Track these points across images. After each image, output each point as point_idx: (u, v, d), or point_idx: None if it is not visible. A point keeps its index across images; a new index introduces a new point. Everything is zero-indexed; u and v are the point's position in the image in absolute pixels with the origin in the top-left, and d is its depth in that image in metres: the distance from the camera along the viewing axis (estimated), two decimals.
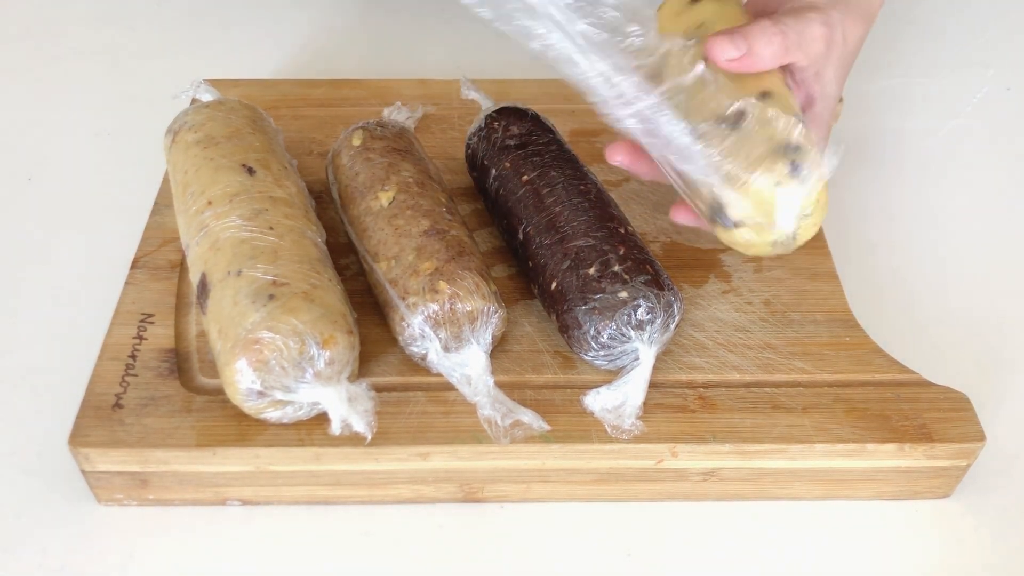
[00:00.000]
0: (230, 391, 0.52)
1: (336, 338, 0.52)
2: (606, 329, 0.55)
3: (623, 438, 0.54)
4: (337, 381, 0.53)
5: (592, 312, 0.55)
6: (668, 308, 0.56)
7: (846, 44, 0.59)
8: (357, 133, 0.66)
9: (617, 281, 0.56)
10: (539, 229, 0.60)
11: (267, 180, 0.60)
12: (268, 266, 0.54)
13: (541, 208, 0.61)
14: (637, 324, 0.55)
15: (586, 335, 0.56)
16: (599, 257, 0.57)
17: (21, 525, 0.56)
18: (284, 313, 0.51)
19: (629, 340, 0.55)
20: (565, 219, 0.60)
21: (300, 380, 0.52)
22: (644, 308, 0.55)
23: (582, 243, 0.58)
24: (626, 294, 0.55)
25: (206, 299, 0.55)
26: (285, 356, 0.51)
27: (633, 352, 0.56)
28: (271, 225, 0.56)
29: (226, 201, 0.57)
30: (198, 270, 0.56)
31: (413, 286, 0.56)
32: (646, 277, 0.56)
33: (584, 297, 0.56)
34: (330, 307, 0.53)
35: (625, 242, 0.58)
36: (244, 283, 0.53)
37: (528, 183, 0.63)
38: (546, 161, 0.64)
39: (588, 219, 0.59)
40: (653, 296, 0.55)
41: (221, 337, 0.52)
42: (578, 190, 0.61)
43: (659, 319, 0.55)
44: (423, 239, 0.58)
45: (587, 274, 0.56)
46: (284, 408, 0.53)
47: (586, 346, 0.56)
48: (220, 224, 0.56)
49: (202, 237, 0.57)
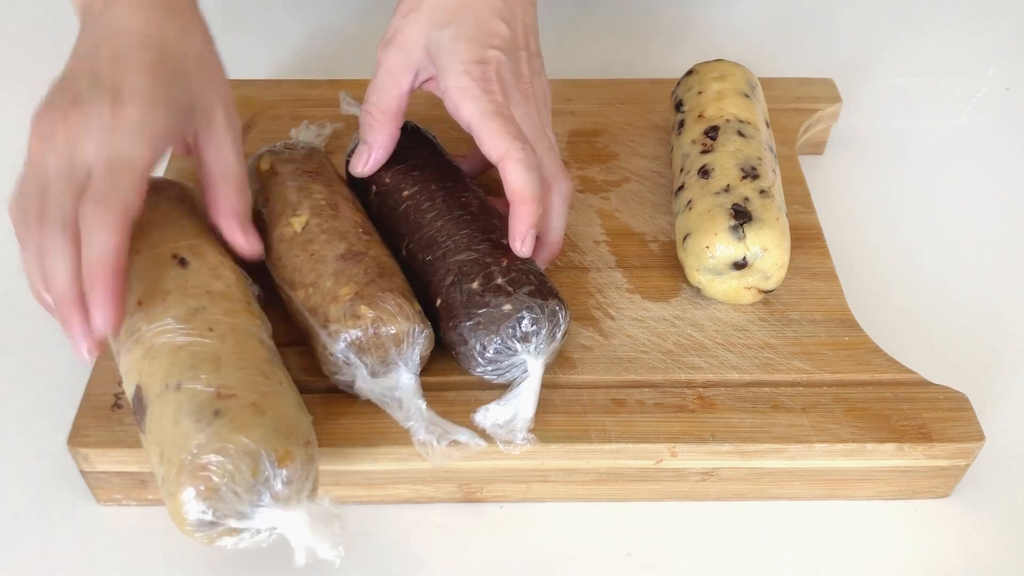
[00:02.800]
0: (178, 522, 0.46)
1: (293, 453, 0.47)
2: (491, 344, 0.54)
3: (514, 452, 0.53)
4: (297, 502, 0.47)
5: (477, 327, 0.54)
6: (553, 317, 0.54)
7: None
8: (264, 158, 0.64)
9: (501, 294, 0.54)
10: (421, 245, 0.58)
11: (203, 272, 0.53)
12: (210, 375, 0.48)
13: (422, 224, 0.59)
14: (522, 336, 0.54)
15: (472, 351, 0.54)
16: (482, 270, 0.55)
17: (20, 525, 0.56)
18: (232, 431, 0.46)
19: (516, 353, 0.54)
20: (447, 233, 0.58)
21: (256, 505, 0.46)
22: (528, 320, 0.53)
23: (464, 257, 0.56)
24: (510, 306, 0.54)
25: (143, 417, 0.49)
26: (237, 480, 0.45)
27: (522, 364, 0.55)
28: (210, 326, 0.50)
29: (158, 300, 0.51)
30: (132, 381, 0.50)
31: (333, 313, 0.54)
32: (530, 287, 0.54)
33: (468, 312, 0.54)
34: (283, 417, 0.48)
35: (508, 253, 0.56)
36: (185, 398, 0.47)
37: (409, 198, 0.61)
38: (426, 175, 0.62)
39: (470, 232, 0.57)
40: (537, 307, 0.54)
41: (164, 462, 0.47)
42: (459, 203, 0.59)
43: (544, 329, 0.54)
44: (340, 263, 0.56)
45: (470, 288, 0.55)
46: (240, 535, 0.47)
47: (474, 362, 0.55)
48: (153, 328, 0.50)
49: (134, 343, 0.51)
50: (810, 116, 0.77)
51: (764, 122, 0.68)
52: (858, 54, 0.93)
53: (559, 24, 0.69)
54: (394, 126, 0.62)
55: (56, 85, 0.53)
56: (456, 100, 0.57)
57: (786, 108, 0.77)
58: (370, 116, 0.61)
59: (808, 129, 0.78)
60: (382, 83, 0.61)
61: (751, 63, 0.74)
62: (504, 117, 0.57)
